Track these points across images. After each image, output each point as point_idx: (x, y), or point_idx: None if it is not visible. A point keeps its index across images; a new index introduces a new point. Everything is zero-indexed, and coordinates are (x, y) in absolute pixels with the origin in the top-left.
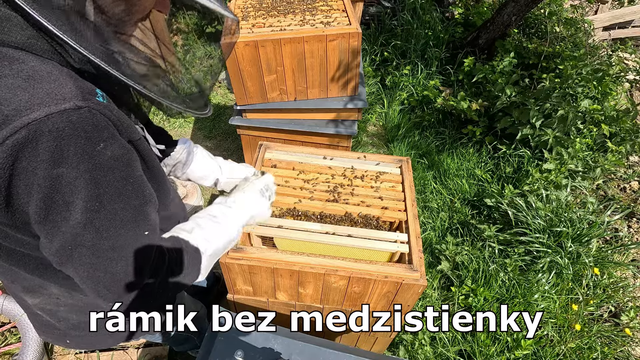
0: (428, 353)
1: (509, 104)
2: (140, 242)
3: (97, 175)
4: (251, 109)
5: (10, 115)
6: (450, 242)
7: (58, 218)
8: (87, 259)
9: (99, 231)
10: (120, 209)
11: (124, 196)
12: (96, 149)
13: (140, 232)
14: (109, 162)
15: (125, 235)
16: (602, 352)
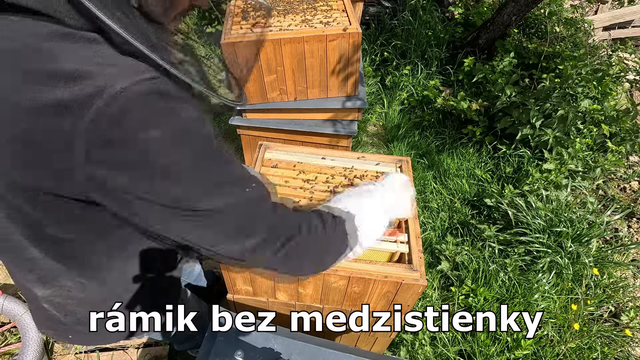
0: (428, 353)
1: (509, 104)
2: (248, 194)
3: (185, 131)
4: (251, 109)
5: (102, 87)
6: (450, 242)
7: (161, 183)
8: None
9: (206, 189)
10: (214, 163)
11: (213, 152)
12: (179, 108)
13: (244, 185)
14: (193, 120)
15: (230, 191)
16: (602, 352)
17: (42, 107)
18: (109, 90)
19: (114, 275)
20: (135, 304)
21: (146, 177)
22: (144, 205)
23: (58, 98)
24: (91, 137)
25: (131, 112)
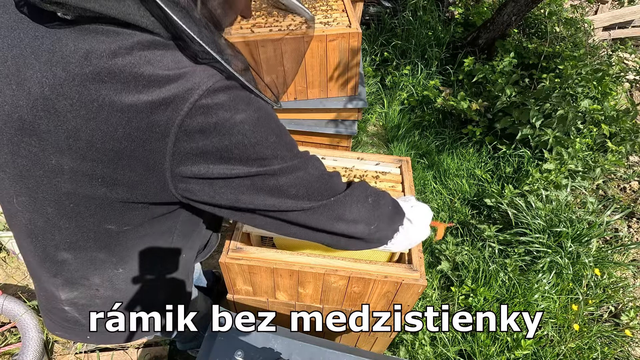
0: (428, 353)
1: (509, 104)
2: (321, 168)
3: (262, 113)
4: None
5: (196, 84)
6: (450, 242)
7: (260, 154)
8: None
9: (286, 153)
10: (286, 140)
11: (282, 131)
12: (252, 96)
13: (306, 154)
14: (263, 105)
15: (303, 154)
16: (602, 352)
17: (142, 105)
18: (201, 86)
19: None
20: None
21: (237, 154)
22: (235, 182)
23: (154, 98)
24: (187, 128)
25: (221, 103)
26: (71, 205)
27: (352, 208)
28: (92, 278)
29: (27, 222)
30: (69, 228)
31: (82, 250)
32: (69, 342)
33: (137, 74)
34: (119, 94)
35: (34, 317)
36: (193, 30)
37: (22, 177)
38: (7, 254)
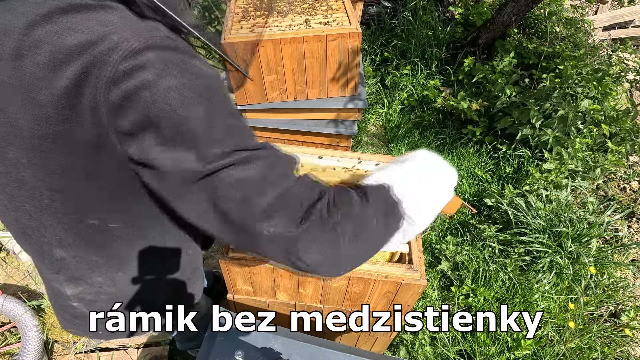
0: (428, 353)
1: (509, 104)
2: (270, 158)
3: (202, 82)
4: (251, 109)
5: (116, 43)
6: (450, 242)
7: (181, 138)
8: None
9: (223, 140)
10: (233, 119)
11: (230, 107)
12: (194, 62)
13: (259, 145)
14: (208, 75)
15: (247, 144)
16: (602, 352)
17: (67, 80)
18: (121, 46)
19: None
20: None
21: (165, 130)
22: (165, 162)
23: (77, 69)
24: (112, 100)
25: (144, 64)
26: (45, 201)
27: (315, 247)
28: (93, 277)
29: (14, 221)
30: (52, 225)
31: (75, 249)
32: (69, 342)
33: (58, 45)
34: (42, 70)
35: (34, 317)
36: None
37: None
38: (7, 254)
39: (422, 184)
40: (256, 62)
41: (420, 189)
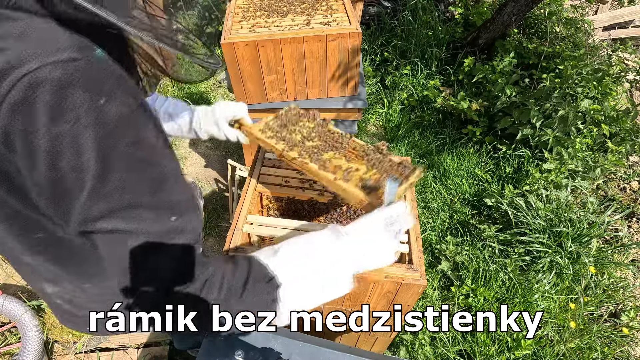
0: (428, 353)
1: (509, 104)
2: (160, 225)
3: (100, 132)
4: (251, 109)
5: (8, 67)
6: (450, 242)
7: (65, 186)
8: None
9: (111, 200)
10: (132, 178)
11: (136, 162)
12: (97, 103)
13: (160, 212)
14: (114, 120)
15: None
16: (602, 352)
17: None
18: (15, 72)
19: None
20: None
21: (44, 182)
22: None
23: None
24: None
25: (36, 102)
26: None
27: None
28: (63, 282)
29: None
30: (10, 239)
31: (36, 259)
32: (69, 342)
33: None
34: None
35: (34, 317)
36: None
37: None
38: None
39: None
40: (256, 62)
41: (309, 293)
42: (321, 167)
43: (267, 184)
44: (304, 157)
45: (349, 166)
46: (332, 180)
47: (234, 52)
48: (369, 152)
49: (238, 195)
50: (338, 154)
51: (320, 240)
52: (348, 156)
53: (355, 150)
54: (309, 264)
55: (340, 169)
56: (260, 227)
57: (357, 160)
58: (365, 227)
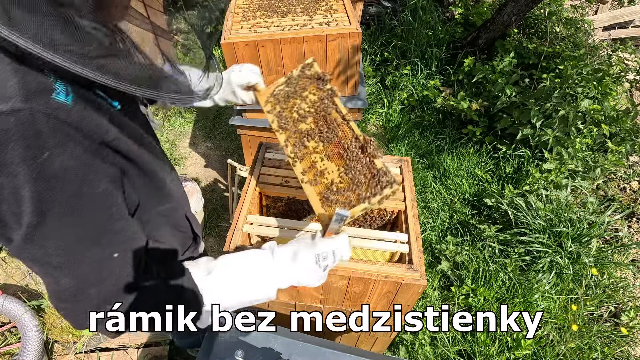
0: (428, 353)
1: (509, 104)
2: (102, 264)
3: (39, 187)
4: (251, 109)
5: None
6: (450, 242)
7: (6, 223)
8: (37, 271)
9: (44, 247)
10: (69, 227)
11: (76, 213)
12: (39, 159)
13: (102, 253)
14: (57, 174)
15: (77, 255)
16: (602, 352)
17: None
18: None
19: None
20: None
21: None
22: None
23: None
24: None
25: None
26: None
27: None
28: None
29: None
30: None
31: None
32: (69, 342)
33: None
34: None
35: (34, 317)
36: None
37: None
38: (7, 254)
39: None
40: (256, 62)
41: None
42: (295, 161)
43: (267, 184)
44: (287, 145)
45: (323, 168)
46: (300, 179)
47: (234, 52)
48: (351, 149)
49: (238, 195)
50: (322, 146)
51: (255, 260)
52: (330, 150)
53: (339, 145)
54: (238, 283)
55: (313, 168)
56: (260, 227)
57: (335, 159)
58: (298, 256)
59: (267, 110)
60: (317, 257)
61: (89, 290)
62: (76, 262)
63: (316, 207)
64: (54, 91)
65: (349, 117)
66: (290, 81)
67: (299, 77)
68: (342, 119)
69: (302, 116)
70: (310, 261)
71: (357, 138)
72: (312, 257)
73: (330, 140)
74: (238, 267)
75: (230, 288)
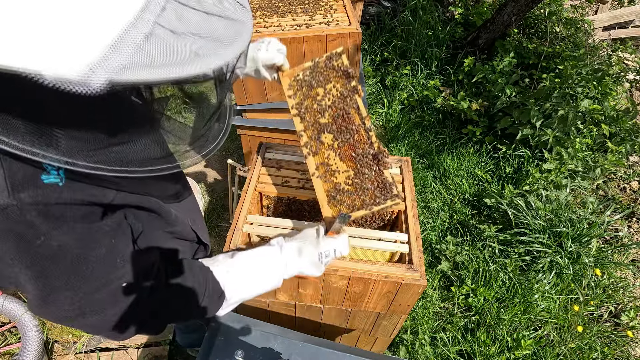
0: (428, 353)
1: (509, 104)
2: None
3: (37, 270)
4: (251, 109)
5: None
6: (450, 242)
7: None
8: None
9: (58, 306)
10: (78, 287)
11: (81, 276)
12: (34, 244)
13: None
14: (55, 252)
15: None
16: (602, 352)
17: None
18: None
19: None
20: None
21: None
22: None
23: None
24: None
25: None
26: None
27: None
28: None
29: None
30: None
31: None
32: (69, 342)
33: None
34: None
35: (34, 317)
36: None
37: None
38: None
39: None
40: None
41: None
42: (309, 154)
43: (267, 184)
44: (303, 135)
45: (335, 167)
46: (311, 173)
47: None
48: (364, 155)
49: (238, 195)
50: (337, 144)
51: (266, 257)
52: (344, 151)
53: (353, 147)
54: (252, 276)
55: (325, 165)
56: (260, 227)
57: (347, 160)
58: (303, 252)
59: (289, 95)
60: (320, 255)
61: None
62: (94, 302)
63: (322, 204)
64: (43, 172)
65: (367, 122)
66: (316, 68)
67: (325, 67)
68: (360, 121)
69: (322, 108)
70: (314, 257)
71: (372, 144)
72: (316, 255)
73: (346, 141)
74: (252, 264)
75: (246, 283)
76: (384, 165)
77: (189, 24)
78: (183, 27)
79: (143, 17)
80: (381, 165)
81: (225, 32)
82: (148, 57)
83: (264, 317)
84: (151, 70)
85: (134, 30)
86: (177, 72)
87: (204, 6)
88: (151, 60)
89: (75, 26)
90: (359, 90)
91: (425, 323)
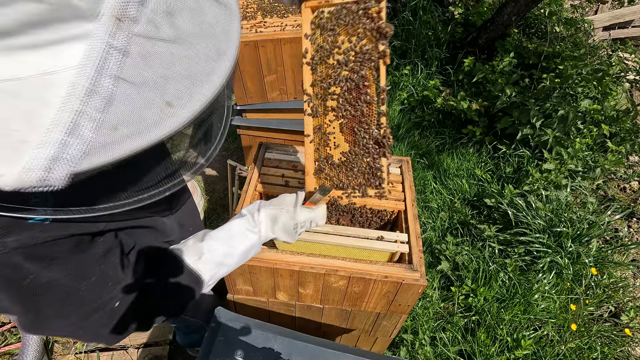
0: (428, 353)
1: (509, 104)
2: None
3: (28, 306)
4: (251, 109)
5: None
6: (450, 242)
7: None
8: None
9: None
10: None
11: (70, 308)
12: (22, 284)
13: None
14: (44, 287)
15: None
16: (602, 352)
17: None
18: None
19: None
20: None
21: None
22: None
23: None
24: None
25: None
26: None
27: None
28: None
29: None
30: None
31: None
32: (69, 342)
33: None
34: None
35: None
36: None
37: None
38: None
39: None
40: (256, 62)
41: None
42: (310, 114)
43: (267, 184)
44: (312, 88)
45: (332, 137)
46: (306, 133)
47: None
48: (367, 135)
49: (238, 195)
50: (341, 113)
51: (238, 231)
52: (347, 124)
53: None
54: (228, 256)
55: (323, 132)
56: None
57: (347, 134)
58: (279, 220)
59: (306, 32)
60: (295, 225)
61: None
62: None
63: (308, 171)
64: (24, 222)
65: (383, 97)
66: (345, 12)
67: (356, 14)
68: (376, 94)
69: (339, 64)
70: (290, 227)
71: (379, 126)
72: (292, 224)
73: (352, 114)
74: (225, 243)
75: (222, 262)
76: (383, 152)
77: (159, 62)
78: (150, 71)
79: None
80: (381, 151)
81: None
82: (112, 131)
83: (264, 317)
84: (120, 145)
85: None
86: (148, 138)
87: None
88: (116, 133)
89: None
90: (386, 56)
91: (425, 323)
